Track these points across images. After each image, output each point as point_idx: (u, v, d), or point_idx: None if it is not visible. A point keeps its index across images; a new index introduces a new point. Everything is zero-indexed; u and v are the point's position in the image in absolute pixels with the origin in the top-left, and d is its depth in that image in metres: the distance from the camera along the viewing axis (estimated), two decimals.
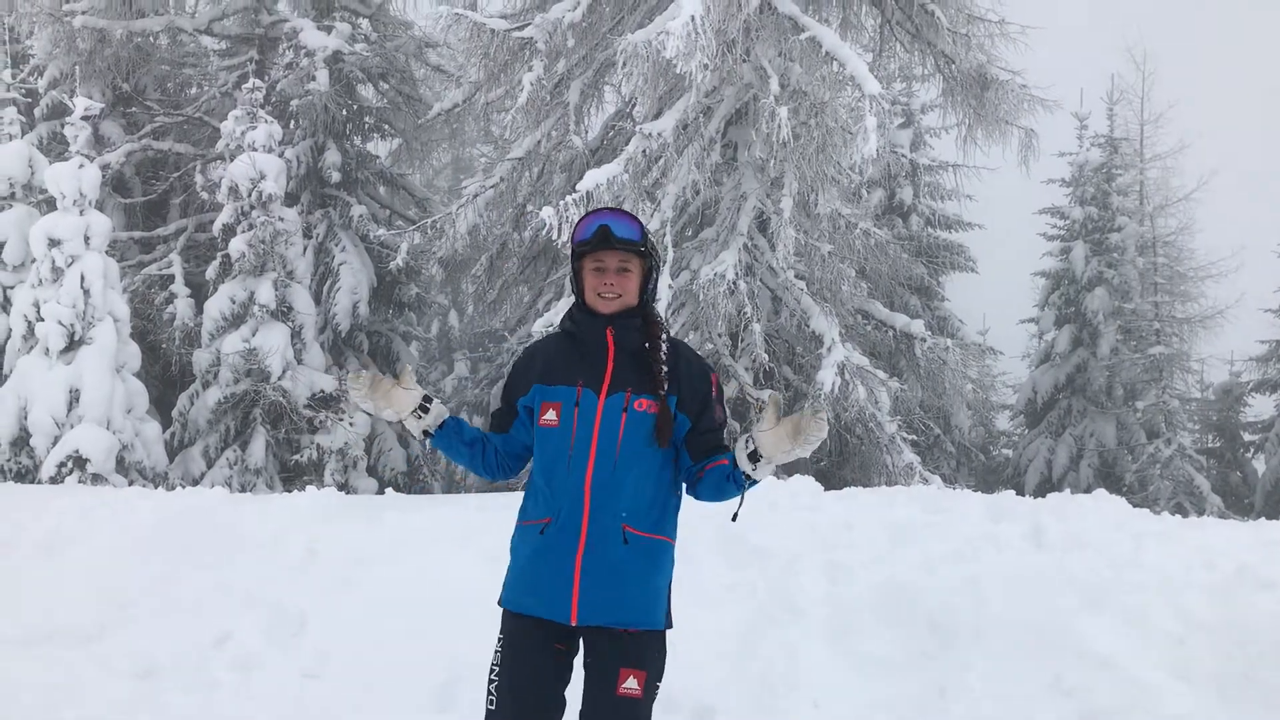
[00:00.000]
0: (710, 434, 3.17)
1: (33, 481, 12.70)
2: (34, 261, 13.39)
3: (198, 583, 6.08)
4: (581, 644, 3.13)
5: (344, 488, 13.99)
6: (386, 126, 18.10)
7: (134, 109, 17.37)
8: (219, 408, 14.35)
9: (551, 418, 3.10)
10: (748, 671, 5.00)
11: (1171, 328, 22.56)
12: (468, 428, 3.29)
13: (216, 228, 14.72)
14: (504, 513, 3.80)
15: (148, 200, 17.35)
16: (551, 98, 14.29)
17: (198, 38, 18.02)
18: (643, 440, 3.07)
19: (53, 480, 12.46)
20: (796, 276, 13.61)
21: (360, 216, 16.60)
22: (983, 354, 19.25)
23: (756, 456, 2.99)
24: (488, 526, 6.06)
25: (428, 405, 3.22)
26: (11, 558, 6.70)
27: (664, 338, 3.15)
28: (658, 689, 3.10)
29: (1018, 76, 14.26)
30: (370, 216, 16.82)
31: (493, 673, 3.12)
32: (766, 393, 3.19)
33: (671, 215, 12.89)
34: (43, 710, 4.74)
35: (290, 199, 15.93)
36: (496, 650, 3.15)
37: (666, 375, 3.10)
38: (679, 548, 3.24)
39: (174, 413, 15.06)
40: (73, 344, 12.99)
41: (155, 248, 16.98)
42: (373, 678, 5.04)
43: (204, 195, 15.76)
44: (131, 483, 12.71)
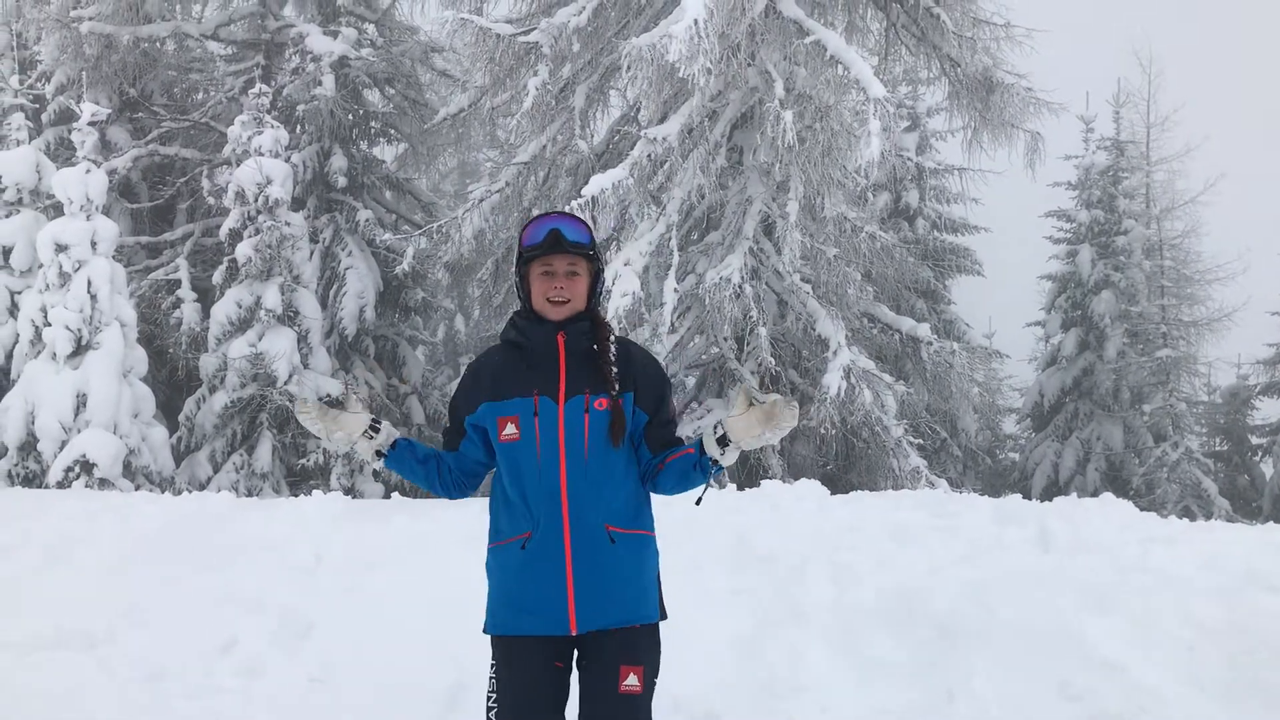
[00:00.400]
0: (667, 426, 3.20)
1: (40, 486, 12.74)
2: (41, 267, 13.43)
3: (204, 587, 6.08)
4: (576, 650, 3.10)
5: (350, 492, 14.01)
6: (392, 131, 18.16)
7: (141, 114, 17.43)
8: (225, 412, 14.39)
9: (512, 431, 3.06)
10: (753, 676, 4.98)
11: (1178, 331, 22.48)
12: (420, 446, 3.25)
13: (223, 233, 14.76)
14: None
15: (154, 205, 17.41)
16: (557, 102, 14.31)
17: (204, 43, 18.07)
18: (608, 438, 3.06)
19: (60, 485, 12.49)
20: (802, 280, 13.60)
21: (366, 221, 16.63)
22: (989, 357, 19.25)
23: (725, 442, 3.03)
24: None
25: (377, 426, 3.19)
26: (18, 562, 6.71)
27: (611, 339, 3.14)
28: (655, 683, 3.10)
29: (1023, 80, 14.27)
30: (376, 221, 16.84)
31: (490, 700, 3.07)
32: (772, 397, 3.21)
33: (677, 219, 12.90)
34: (48, 715, 4.75)
35: (296, 204, 15.96)
36: (491, 679, 3.09)
37: (618, 376, 3.09)
38: (680, 547, 3.23)
39: (180, 417, 15.09)
40: (80, 349, 13.03)
41: (162, 252, 17.03)
42: (379, 683, 5.04)
43: (210, 200, 15.83)
44: (138, 487, 12.73)
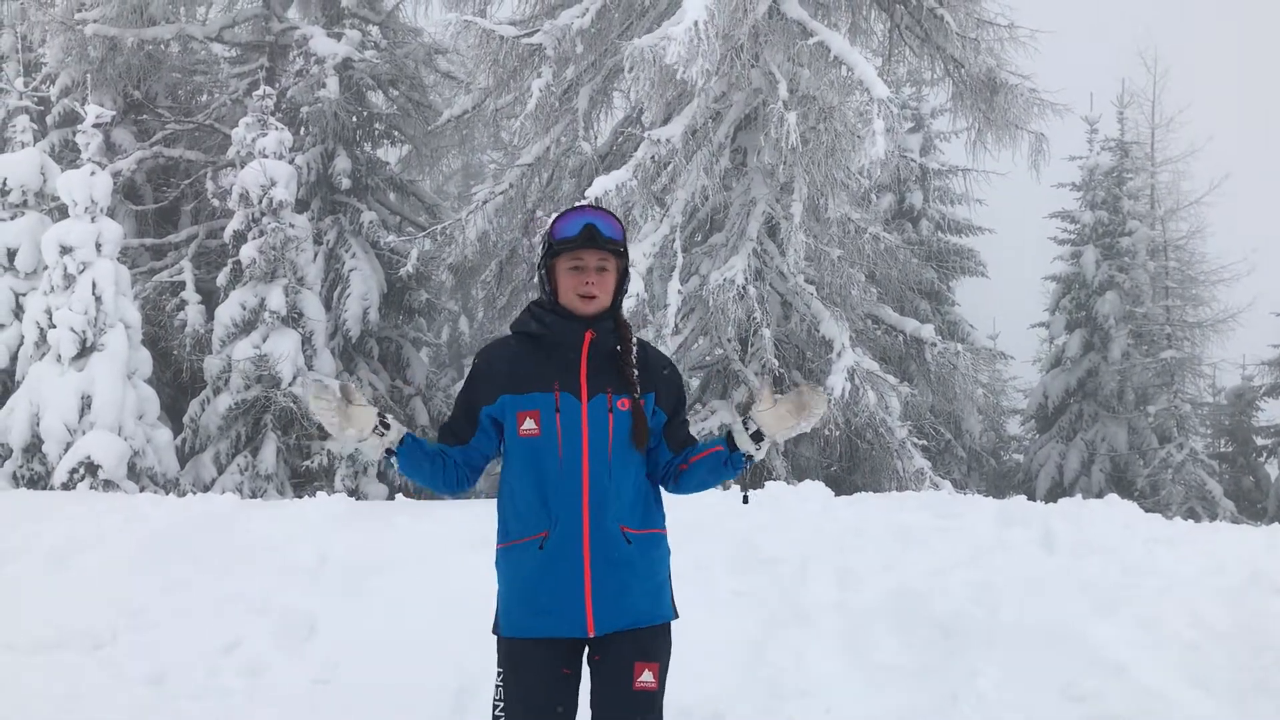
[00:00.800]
0: (685, 425, 3.21)
1: (44, 488, 12.74)
2: (46, 269, 13.43)
3: (208, 589, 6.09)
4: (587, 650, 3.06)
5: (355, 493, 14.00)
6: (396, 133, 18.16)
7: (145, 116, 17.45)
8: (230, 414, 14.38)
9: (531, 427, 2.98)
10: (758, 678, 4.98)
11: (1183, 332, 22.43)
12: (426, 443, 3.12)
13: (227, 234, 14.76)
14: None
15: (159, 207, 17.42)
16: (560, 104, 14.31)
17: (208, 45, 18.11)
18: (629, 439, 3.05)
19: (64, 486, 12.49)
20: (806, 281, 13.59)
21: (370, 223, 16.63)
22: (993, 358, 19.17)
23: (759, 437, 3.05)
24: None
25: (387, 422, 3.03)
26: (23, 564, 6.72)
27: (634, 340, 3.13)
28: (666, 679, 3.09)
29: (1027, 81, 14.24)
30: (380, 223, 16.85)
31: (496, 709, 3.03)
32: (799, 387, 3.23)
33: (681, 221, 12.89)
34: (53, 717, 4.75)
35: (301, 205, 15.97)
36: (498, 685, 3.04)
37: (639, 378, 3.07)
38: (684, 549, 3.23)
39: (185, 419, 15.10)
40: (84, 351, 13.03)
41: (166, 254, 17.04)
42: (382, 684, 5.04)
43: (215, 202, 15.83)
44: (143, 489, 12.73)
